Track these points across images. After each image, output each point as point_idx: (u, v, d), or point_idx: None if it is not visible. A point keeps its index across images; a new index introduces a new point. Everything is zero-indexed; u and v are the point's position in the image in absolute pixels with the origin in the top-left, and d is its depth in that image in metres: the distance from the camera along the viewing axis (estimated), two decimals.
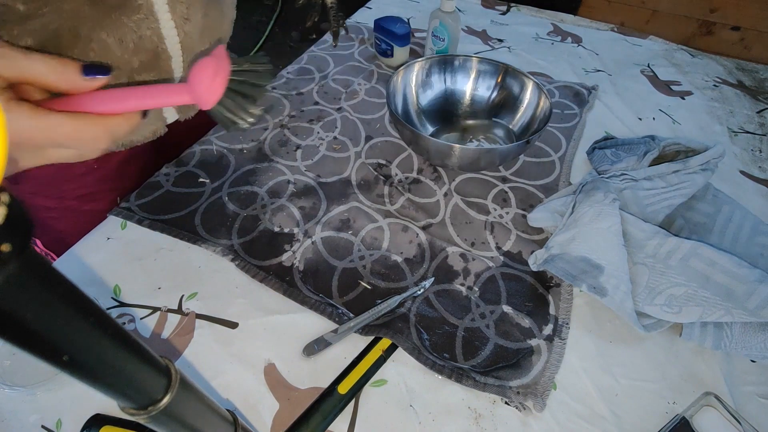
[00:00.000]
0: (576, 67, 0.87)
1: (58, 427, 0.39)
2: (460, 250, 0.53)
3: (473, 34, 0.96)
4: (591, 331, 0.47)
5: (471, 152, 0.56)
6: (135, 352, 0.19)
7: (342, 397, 0.40)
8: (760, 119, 0.78)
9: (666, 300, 0.45)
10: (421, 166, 0.64)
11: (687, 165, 0.56)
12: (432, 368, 0.43)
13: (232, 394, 0.41)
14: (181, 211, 0.55)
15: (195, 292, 0.48)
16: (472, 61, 0.69)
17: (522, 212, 0.58)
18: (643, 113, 0.77)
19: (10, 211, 0.11)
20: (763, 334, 0.43)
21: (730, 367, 0.45)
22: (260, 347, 0.44)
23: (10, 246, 0.12)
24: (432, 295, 0.49)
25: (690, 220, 0.56)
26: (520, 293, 0.50)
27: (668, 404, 0.42)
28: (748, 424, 0.40)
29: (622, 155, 0.60)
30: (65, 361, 0.15)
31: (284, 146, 0.65)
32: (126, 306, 0.47)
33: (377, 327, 0.45)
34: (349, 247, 0.53)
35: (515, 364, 0.43)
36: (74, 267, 0.50)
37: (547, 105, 0.60)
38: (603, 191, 0.51)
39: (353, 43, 0.90)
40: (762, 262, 0.51)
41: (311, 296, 0.48)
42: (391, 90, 0.64)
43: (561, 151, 0.67)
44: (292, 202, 0.57)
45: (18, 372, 0.41)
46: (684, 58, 0.93)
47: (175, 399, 0.21)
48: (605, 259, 0.47)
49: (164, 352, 0.44)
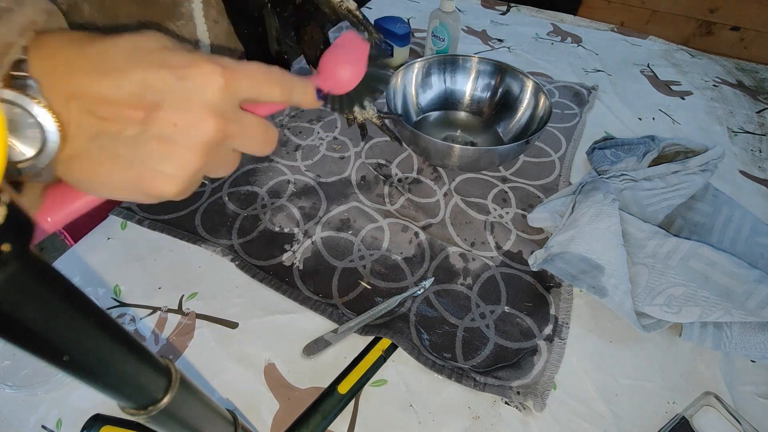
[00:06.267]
0: (576, 67, 0.87)
1: (58, 427, 0.39)
2: (460, 250, 0.53)
3: (473, 34, 0.96)
4: (591, 331, 0.47)
5: (471, 152, 0.56)
6: (135, 352, 0.19)
7: (342, 397, 0.40)
8: (759, 119, 0.78)
9: (666, 300, 0.45)
10: (421, 166, 0.64)
11: (686, 166, 0.56)
12: (432, 368, 0.43)
13: (232, 394, 0.41)
14: (181, 211, 0.55)
15: (195, 292, 0.48)
16: (471, 61, 0.70)
17: (522, 212, 0.58)
18: (642, 113, 0.77)
19: (10, 211, 0.11)
20: (762, 334, 0.43)
21: (730, 367, 0.45)
22: (260, 347, 0.44)
23: (10, 246, 0.12)
24: (432, 295, 0.49)
25: (690, 220, 0.56)
26: (520, 293, 0.50)
27: (668, 404, 0.42)
28: (748, 423, 0.40)
29: (622, 155, 0.60)
30: (65, 361, 0.15)
31: (284, 146, 0.65)
32: (126, 306, 0.47)
33: (377, 327, 0.45)
34: (349, 247, 0.53)
35: (515, 364, 0.43)
36: (74, 267, 0.50)
37: (546, 105, 0.60)
38: (603, 191, 0.51)
39: None
40: (761, 262, 0.51)
41: (311, 296, 0.48)
42: (391, 90, 0.64)
43: (561, 151, 0.67)
44: (292, 202, 0.57)
45: (18, 372, 0.41)
46: (684, 58, 0.93)
47: (175, 399, 0.21)
48: (605, 259, 0.47)
49: (164, 352, 0.44)
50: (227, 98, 0.23)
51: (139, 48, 0.22)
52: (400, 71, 0.66)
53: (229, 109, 0.24)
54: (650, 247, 0.48)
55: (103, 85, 0.21)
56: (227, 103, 0.23)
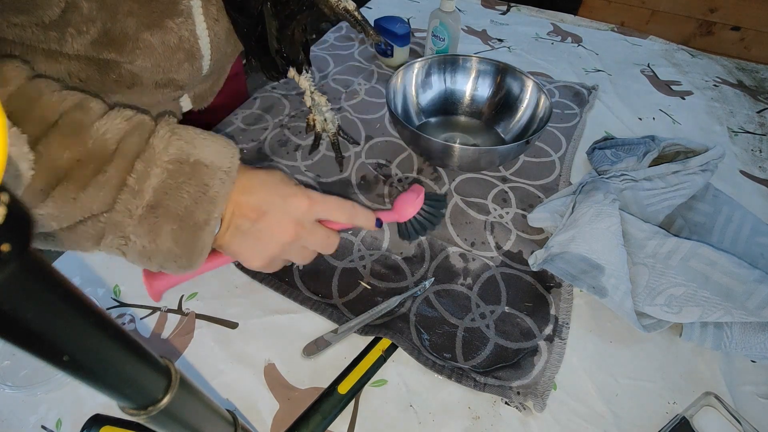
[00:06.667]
0: (576, 67, 0.87)
1: (58, 427, 0.39)
2: (460, 250, 0.53)
3: (473, 34, 0.96)
4: (591, 332, 0.47)
5: (471, 152, 0.56)
6: (135, 352, 0.19)
7: (342, 397, 0.40)
8: (760, 119, 0.78)
9: (666, 300, 0.45)
10: (421, 166, 0.64)
11: (687, 166, 0.56)
12: (432, 368, 0.43)
13: (232, 394, 0.41)
14: None
15: (195, 293, 0.48)
16: (471, 60, 0.69)
17: (522, 212, 0.58)
18: (643, 113, 0.77)
19: (10, 211, 0.11)
20: (762, 334, 0.43)
21: (730, 367, 0.45)
22: (260, 347, 0.44)
23: (10, 246, 0.12)
24: (432, 295, 0.49)
25: (690, 220, 0.56)
26: (521, 293, 0.50)
27: (668, 404, 0.42)
28: (748, 424, 0.40)
29: (622, 155, 0.60)
30: (65, 361, 0.15)
31: (284, 146, 0.65)
32: (126, 306, 0.47)
33: (377, 327, 0.45)
34: (349, 247, 0.53)
35: (515, 364, 0.43)
36: (74, 267, 0.50)
37: (547, 105, 0.60)
38: (603, 191, 0.51)
39: (353, 43, 0.90)
40: (762, 262, 0.51)
41: (311, 296, 0.48)
42: (391, 90, 0.64)
43: (561, 151, 0.67)
44: None
45: (18, 372, 0.41)
46: (684, 58, 0.93)
47: (175, 399, 0.21)
48: (605, 259, 0.47)
49: (164, 352, 0.44)
50: (306, 216, 0.38)
51: (267, 179, 0.38)
52: (400, 71, 0.65)
53: (307, 223, 0.38)
54: (650, 247, 0.48)
55: (243, 199, 0.37)
56: (306, 218, 0.38)
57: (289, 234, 0.38)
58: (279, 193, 0.37)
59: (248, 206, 0.37)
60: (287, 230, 0.37)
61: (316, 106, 0.53)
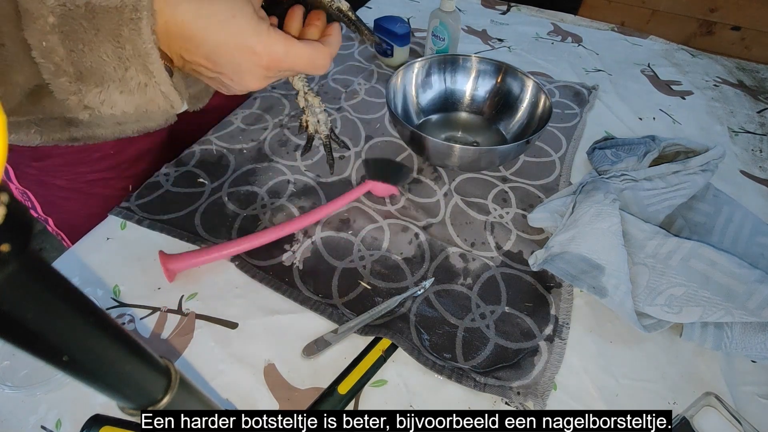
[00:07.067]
0: (576, 67, 0.87)
1: (57, 427, 0.39)
2: (460, 250, 0.53)
3: (473, 33, 0.96)
4: (591, 332, 0.47)
5: (471, 152, 0.56)
6: (135, 352, 0.19)
7: (342, 398, 0.40)
8: (760, 119, 0.78)
9: (666, 300, 0.45)
10: (421, 166, 0.64)
11: (687, 166, 0.56)
12: (432, 368, 0.43)
13: (232, 394, 0.41)
14: (181, 211, 0.55)
15: (195, 293, 0.48)
16: (472, 60, 0.69)
17: (522, 212, 0.58)
18: (643, 113, 0.77)
19: (9, 211, 0.11)
20: (763, 334, 0.43)
21: (730, 367, 0.45)
22: (260, 347, 0.44)
23: (10, 246, 0.12)
24: (432, 295, 0.49)
25: (690, 220, 0.56)
26: (521, 293, 0.50)
27: (668, 404, 0.42)
28: (749, 424, 0.40)
29: (623, 155, 0.60)
30: (65, 361, 0.15)
31: (284, 146, 0.65)
32: (126, 306, 0.47)
33: (377, 327, 0.45)
34: (349, 247, 0.53)
35: (515, 365, 0.43)
36: (74, 267, 0.50)
37: (547, 105, 0.60)
38: (603, 191, 0.51)
39: (353, 43, 0.90)
40: (762, 262, 0.51)
41: (311, 296, 0.48)
42: (391, 90, 0.64)
43: (561, 151, 0.67)
44: (292, 202, 0.57)
45: (18, 372, 0.41)
46: (684, 58, 0.93)
47: (174, 399, 0.21)
48: (605, 259, 0.47)
49: (164, 352, 0.44)
50: (268, 72, 0.34)
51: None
52: (400, 71, 0.65)
53: (274, 71, 0.34)
54: (651, 247, 0.48)
55: (186, 45, 0.32)
56: (271, 70, 0.34)
57: (259, 82, 0.35)
58: (233, 44, 0.32)
59: (199, 55, 0.32)
60: (255, 81, 0.35)
61: (309, 107, 0.53)
